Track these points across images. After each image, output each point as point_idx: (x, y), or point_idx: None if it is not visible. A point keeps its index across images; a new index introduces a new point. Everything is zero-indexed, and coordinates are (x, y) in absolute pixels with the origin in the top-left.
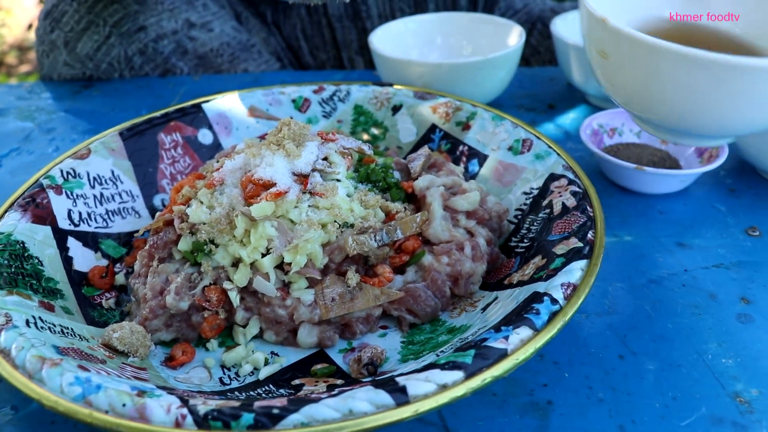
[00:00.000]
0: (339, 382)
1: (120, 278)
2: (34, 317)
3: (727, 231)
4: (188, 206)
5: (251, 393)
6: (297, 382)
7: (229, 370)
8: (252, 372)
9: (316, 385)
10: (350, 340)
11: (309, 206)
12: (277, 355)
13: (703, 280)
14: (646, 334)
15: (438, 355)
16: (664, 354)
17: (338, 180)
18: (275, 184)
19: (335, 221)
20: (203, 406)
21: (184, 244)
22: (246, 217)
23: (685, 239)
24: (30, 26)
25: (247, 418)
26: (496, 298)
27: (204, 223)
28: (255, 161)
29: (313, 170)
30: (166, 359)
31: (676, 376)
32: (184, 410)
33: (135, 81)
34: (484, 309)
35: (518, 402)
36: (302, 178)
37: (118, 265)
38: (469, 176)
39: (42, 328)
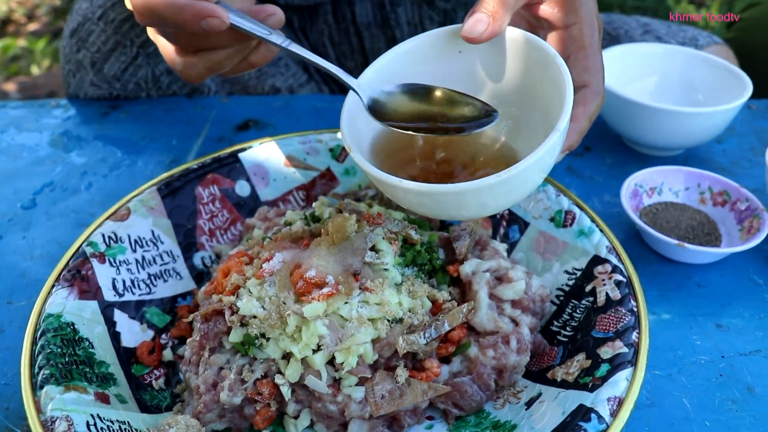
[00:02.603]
0: None
1: (167, 353)
2: (93, 416)
3: (765, 310)
4: (237, 296)
5: None
6: None
7: None
8: None
9: None
10: None
11: (359, 301)
12: None
13: (741, 370)
14: None
15: None
16: None
17: (386, 269)
18: (327, 282)
19: (385, 318)
20: None
21: (236, 336)
22: (298, 316)
23: (723, 319)
24: None
25: None
26: (539, 394)
27: (255, 317)
28: (305, 254)
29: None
30: None
31: None
32: None
33: (163, 102)
34: (528, 405)
35: None
36: (353, 276)
37: (163, 336)
38: (509, 243)
39: (102, 429)
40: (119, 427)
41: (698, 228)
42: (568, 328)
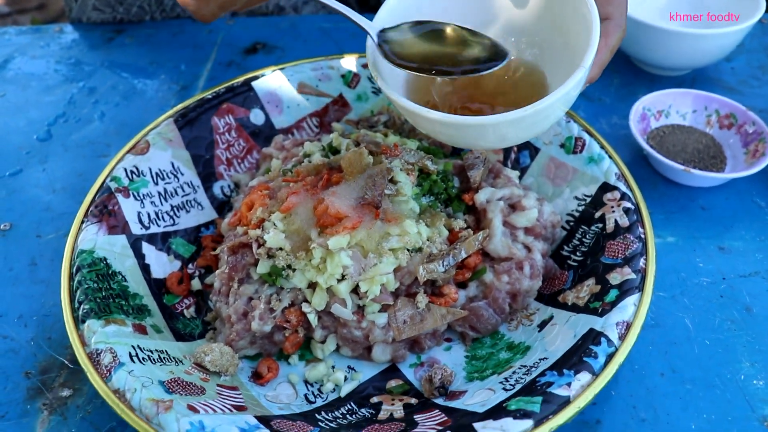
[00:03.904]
0: (413, 401)
1: (195, 283)
2: (134, 348)
3: (765, 232)
4: (263, 229)
5: (337, 413)
6: (375, 400)
7: (312, 385)
8: (333, 389)
9: (393, 404)
10: (419, 354)
11: (380, 232)
12: (354, 370)
13: (740, 291)
14: (685, 350)
15: (504, 388)
16: (701, 372)
17: (405, 201)
18: (348, 215)
19: (405, 248)
20: None
21: (263, 268)
22: (322, 248)
23: (725, 242)
24: None
25: None
26: (551, 317)
27: (281, 249)
28: (327, 188)
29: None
30: (253, 375)
31: (711, 396)
32: None
33: (167, 26)
34: (540, 327)
35: (572, 421)
36: (374, 208)
37: (190, 265)
38: (520, 168)
39: (144, 359)
40: (158, 356)
41: (704, 151)
42: (578, 253)
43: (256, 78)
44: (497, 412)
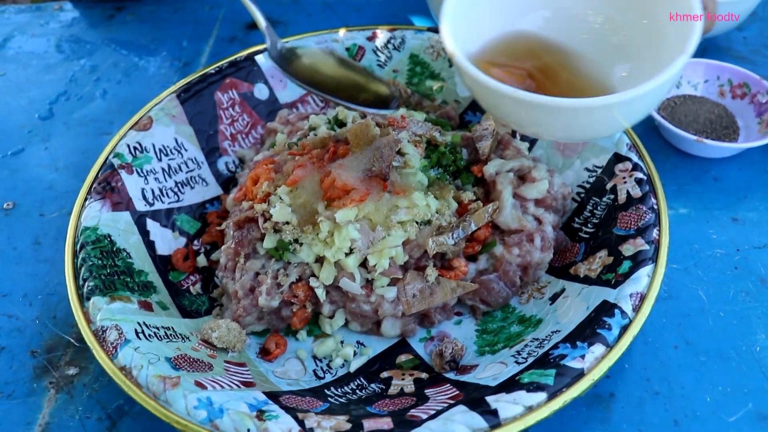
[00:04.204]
0: (424, 376)
1: (201, 260)
2: (139, 324)
3: None
4: (269, 204)
5: (346, 388)
6: (385, 375)
7: (321, 361)
8: (343, 364)
9: (403, 379)
10: (429, 328)
11: (388, 205)
12: (363, 345)
13: (755, 262)
14: (699, 322)
15: (517, 361)
16: (715, 344)
17: (413, 173)
18: (355, 188)
19: (414, 220)
20: (319, 429)
21: (270, 243)
22: (330, 221)
23: (739, 213)
24: None
25: None
26: (563, 290)
27: (287, 223)
28: (333, 161)
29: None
30: (261, 351)
31: (726, 368)
32: None
33: (168, 2)
34: (552, 300)
35: (585, 394)
36: (381, 181)
37: (195, 242)
38: (530, 139)
39: (150, 336)
40: (164, 332)
41: (716, 121)
42: (589, 225)
43: (259, 52)
44: (510, 385)
